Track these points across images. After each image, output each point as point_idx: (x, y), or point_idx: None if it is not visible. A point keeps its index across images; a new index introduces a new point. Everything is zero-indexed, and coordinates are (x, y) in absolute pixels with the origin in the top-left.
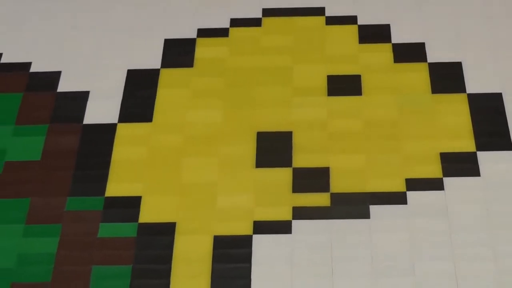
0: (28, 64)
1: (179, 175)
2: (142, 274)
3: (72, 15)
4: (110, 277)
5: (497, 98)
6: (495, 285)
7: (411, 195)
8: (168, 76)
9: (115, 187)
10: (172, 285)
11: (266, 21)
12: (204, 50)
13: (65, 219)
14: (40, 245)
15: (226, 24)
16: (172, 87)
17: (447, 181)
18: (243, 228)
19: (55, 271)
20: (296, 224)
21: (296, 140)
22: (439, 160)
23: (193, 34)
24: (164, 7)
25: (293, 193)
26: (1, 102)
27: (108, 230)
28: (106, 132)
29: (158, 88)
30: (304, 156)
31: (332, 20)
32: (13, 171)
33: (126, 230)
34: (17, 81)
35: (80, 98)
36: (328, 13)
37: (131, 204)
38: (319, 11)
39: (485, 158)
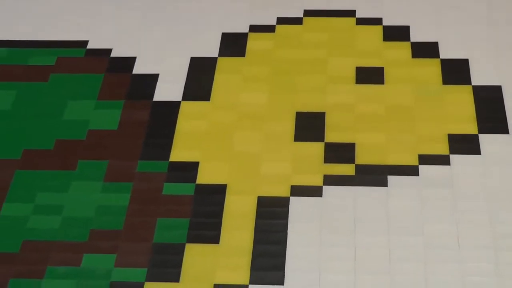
0: (109, 50)
1: (230, 145)
2: (197, 226)
3: (145, 9)
4: (171, 228)
5: (497, 90)
6: (491, 245)
7: (422, 168)
8: (224, 64)
9: (177, 154)
10: (222, 236)
11: (307, 20)
12: (254, 43)
13: (136, 178)
14: (114, 199)
15: (273, 21)
16: (227, 72)
17: (453, 157)
18: (282, 191)
19: (127, 221)
20: (326, 189)
21: (328, 120)
22: (447, 140)
23: (245, 29)
24: (222, 6)
25: (324, 164)
26: (86, 81)
27: (170, 189)
28: (172, 108)
29: (215, 73)
30: (334, 133)
31: (361, 21)
32: (94, 138)
33: (186, 189)
34: (100, 64)
35: (151, 79)
36: (358, 15)
37: (190, 168)
38: (351, 13)
39: (485, 140)
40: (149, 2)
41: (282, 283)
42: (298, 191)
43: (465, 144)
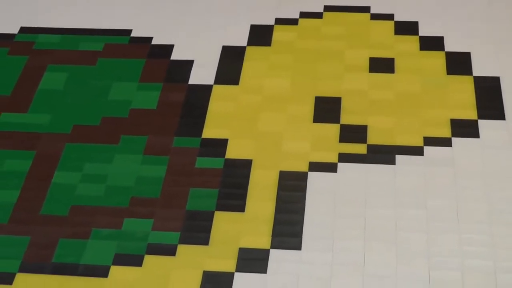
0: (150, 38)
1: (256, 125)
2: (225, 196)
3: (183, 2)
4: (202, 197)
5: (496, 80)
6: (487, 219)
7: (427, 149)
8: (252, 52)
9: (209, 131)
10: (247, 205)
11: (326, 15)
12: (279, 34)
13: (172, 153)
14: (152, 170)
15: (296, 15)
16: (254, 60)
17: (454, 140)
18: (301, 166)
19: (163, 190)
20: (340, 165)
21: (344, 104)
22: (449, 124)
23: (272, 22)
24: (252, 1)
25: (339, 143)
26: (129, 65)
27: (202, 162)
28: (205, 91)
29: (244, 61)
30: (349, 116)
31: (375, 17)
32: (135, 116)
33: (216, 163)
34: (141, 50)
35: (187, 65)
36: (372, 11)
37: (220, 144)
38: (366, 9)
39: (484, 125)
40: None
41: (299, 248)
42: (316, 167)
43: (465, 128)
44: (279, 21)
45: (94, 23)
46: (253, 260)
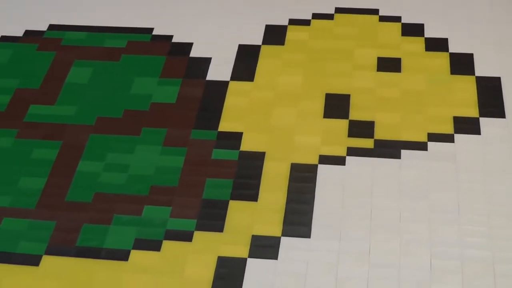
0: (171, 37)
1: (269, 119)
2: (239, 186)
3: (201, 3)
4: (218, 187)
5: (497, 80)
6: (486, 211)
7: (430, 144)
8: (266, 51)
9: (225, 125)
10: (260, 195)
11: (337, 16)
12: (292, 34)
13: (190, 144)
14: (171, 161)
15: (309, 16)
16: (268, 58)
17: (457, 136)
18: (311, 159)
19: (181, 180)
20: (348, 159)
21: (352, 101)
22: (452, 121)
23: (285, 22)
24: (267, 2)
25: (348, 137)
26: (151, 62)
27: (218, 154)
28: (221, 86)
29: (259, 58)
30: (357, 112)
31: (383, 18)
32: (156, 110)
33: (231, 155)
34: (163, 47)
35: (205, 62)
36: (381, 13)
37: (235, 137)
38: (375, 11)
39: (485, 122)
40: None
41: (309, 236)
42: (325, 159)
43: (467, 125)
44: (292, 21)
45: (118, 21)
46: (265, 247)
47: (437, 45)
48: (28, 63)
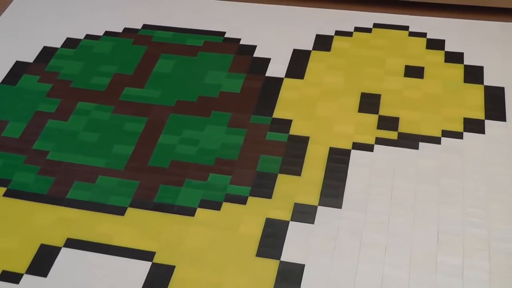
0: (239, 39)
1: (314, 110)
2: (287, 163)
3: (264, 13)
4: (269, 162)
5: (501, 90)
6: (486, 197)
7: (444, 139)
8: (315, 55)
9: (278, 113)
10: (303, 171)
11: (374, 30)
12: (337, 42)
13: (249, 127)
14: (233, 139)
15: (351, 29)
16: (317, 61)
17: (466, 134)
18: (346, 145)
19: (240, 155)
20: (376, 147)
21: (382, 100)
22: (462, 122)
23: (332, 33)
24: (318, 16)
25: (377, 129)
26: (222, 59)
27: (271, 136)
28: (277, 82)
29: (309, 61)
30: (386, 109)
31: (412, 34)
32: (223, 97)
33: (282, 137)
34: (232, 48)
35: (265, 61)
36: (410, 30)
37: (286, 123)
38: (405, 28)
39: (489, 124)
40: (268, 8)
41: (340, 207)
42: (357, 146)
43: (474, 126)
44: (338, 32)
45: (198, 25)
46: (304, 213)
47: (454, 58)
48: (125, 54)
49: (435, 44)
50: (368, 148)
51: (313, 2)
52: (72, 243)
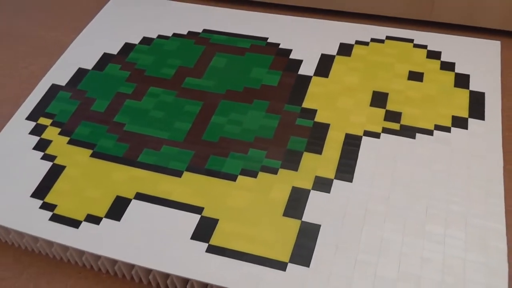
0: (278, 44)
1: (335, 103)
2: (311, 144)
3: (301, 24)
4: (297, 142)
5: (481, 95)
6: (466, 181)
7: (435, 132)
8: (338, 59)
9: (306, 104)
10: (324, 151)
11: (386, 41)
12: (357, 50)
13: (283, 113)
14: (270, 122)
15: (368, 40)
16: (339, 63)
17: (453, 129)
18: (359, 132)
19: (274, 135)
20: (382, 135)
21: (389, 97)
22: (451, 118)
23: (353, 42)
24: (342, 28)
25: (384, 121)
26: (264, 58)
27: (300, 121)
28: (307, 79)
29: (333, 64)
30: (392, 105)
31: (416, 46)
32: (264, 89)
33: (308, 123)
34: (273, 50)
35: (298, 62)
36: (414, 42)
37: (312, 112)
38: (410, 40)
39: (471, 121)
40: (302, 20)
41: (351, 181)
42: (368, 133)
43: (460, 122)
44: (357, 42)
45: (246, 31)
46: (322, 184)
47: (448, 66)
48: (188, 51)
49: (434, 55)
50: (376, 135)
51: (339, 17)
52: (140, 196)
